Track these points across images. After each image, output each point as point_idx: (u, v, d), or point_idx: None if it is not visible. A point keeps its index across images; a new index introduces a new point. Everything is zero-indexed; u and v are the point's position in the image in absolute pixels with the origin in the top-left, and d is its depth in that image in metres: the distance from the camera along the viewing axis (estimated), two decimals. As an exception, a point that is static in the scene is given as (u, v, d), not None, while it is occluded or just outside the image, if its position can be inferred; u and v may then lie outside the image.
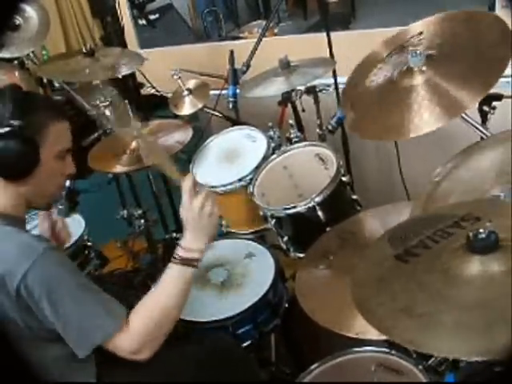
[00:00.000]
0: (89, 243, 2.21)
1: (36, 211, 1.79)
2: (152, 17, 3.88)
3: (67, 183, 1.87)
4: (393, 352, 1.45)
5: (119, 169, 2.29)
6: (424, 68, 1.56)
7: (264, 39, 2.24)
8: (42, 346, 1.35)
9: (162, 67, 2.48)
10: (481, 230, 1.06)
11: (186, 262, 1.39)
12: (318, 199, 1.84)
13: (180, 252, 1.40)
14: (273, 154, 2.13)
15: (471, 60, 1.50)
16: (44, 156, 1.36)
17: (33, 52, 2.85)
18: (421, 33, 1.65)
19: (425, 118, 1.46)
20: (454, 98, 1.45)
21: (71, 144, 1.44)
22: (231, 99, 2.23)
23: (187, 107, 2.43)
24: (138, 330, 1.33)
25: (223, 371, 1.57)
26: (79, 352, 1.33)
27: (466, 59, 1.52)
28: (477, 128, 1.62)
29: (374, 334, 1.29)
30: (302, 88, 2.30)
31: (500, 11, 2.37)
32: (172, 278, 1.39)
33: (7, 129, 1.31)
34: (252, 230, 2.17)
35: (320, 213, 1.85)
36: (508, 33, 1.45)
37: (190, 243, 1.41)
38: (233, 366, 1.60)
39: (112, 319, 1.33)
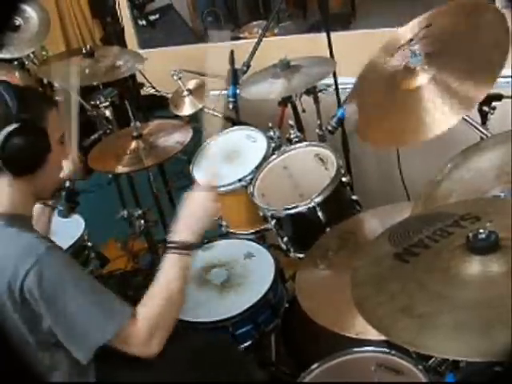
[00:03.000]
0: (89, 243, 2.21)
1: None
2: (152, 17, 3.89)
3: (67, 183, 1.87)
4: (393, 352, 1.45)
5: (119, 169, 2.28)
6: (426, 67, 1.54)
7: (264, 39, 2.24)
8: (42, 352, 1.33)
9: (162, 67, 2.49)
10: (481, 230, 1.05)
11: (179, 246, 1.42)
12: (318, 199, 1.84)
13: (172, 237, 1.44)
14: (273, 154, 2.13)
15: (469, 52, 1.49)
16: (52, 143, 1.37)
17: (33, 52, 2.86)
18: (428, 25, 1.62)
19: (437, 117, 1.44)
20: (462, 92, 1.43)
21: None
22: (231, 99, 2.23)
23: (187, 107, 2.43)
24: (146, 321, 1.34)
25: (221, 371, 1.57)
26: (80, 356, 1.30)
27: (463, 51, 1.51)
28: (477, 128, 1.62)
29: (373, 334, 1.29)
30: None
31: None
32: (169, 263, 1.42)
33: (17, 124, 1.30)
34: (252, 230, 2.17)
35: (320, 213, 1.85)
36: (506, 26, 1.44)
37: (186, 228, 1.44)
38: (231, 366, 1.60)
39: (113, 319, 1.32)
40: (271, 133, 2.21)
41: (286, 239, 1.97)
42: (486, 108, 1.70)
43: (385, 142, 1.64)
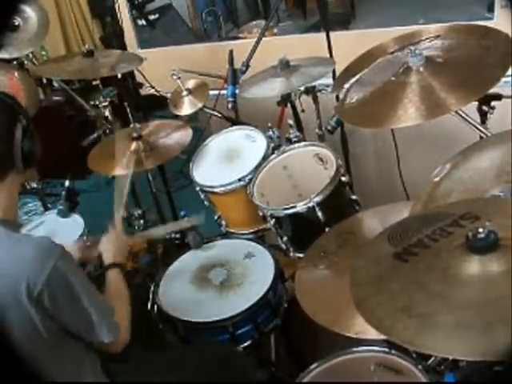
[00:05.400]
0: (88, 243, 2.20)
1: (34, 213, 1.80)
2: (151, 17, 3.88)
3: (67, 183, 1.88)
4: (392, 352, 1.45)
5: (119, 171, 2.27)
6: (421, 69, 1.57)
7: (263, 39, 2.24)
8: (56, 344, 1.38)
9: (162, 67, 2.48)
10: (480, 230, 1.05)
11: (115, 265, 1.69)
12: (317, 199, 1.84)
13: (108, 262, 1.72)
14: (272, 154, 2.13)
15: (468, 70, 1.53)
16: None
17: (32, 52, 2.85)
18: (438, 36, 1.67)
19: (409, 112, 1.49)
20: (440, 100, 1.47)
21: None
22: (230, 99, 2.23)
23: (187, 107, 2.43)
24: (124, 329, 1.48)
25: (223, 372, 1.58)
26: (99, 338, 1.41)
27: (463, 68, 1.54)
28: (477, 128, 1.62)
29: (373, 334, 1.29)
30: (302, 88, 2.30)
31: (499, 11, 2.38)
32: (114, 277, 1.66)
33: (26, 120, 1.39)
34: (252, 230, 2.17)
35: (319, 213, 1.85)
36: (508, 56, 1.47)
37: (113, 255, 1.74)
38: (232, 368, 1.61)
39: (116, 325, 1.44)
40: (271, 132, 2.21)
41: (285, 239, 1.97)
42: (485, 107, 1.70)
43: (361, 124, 1.72)
